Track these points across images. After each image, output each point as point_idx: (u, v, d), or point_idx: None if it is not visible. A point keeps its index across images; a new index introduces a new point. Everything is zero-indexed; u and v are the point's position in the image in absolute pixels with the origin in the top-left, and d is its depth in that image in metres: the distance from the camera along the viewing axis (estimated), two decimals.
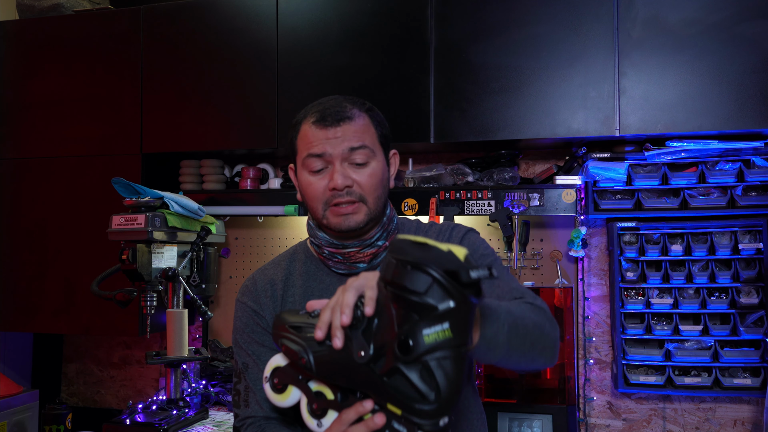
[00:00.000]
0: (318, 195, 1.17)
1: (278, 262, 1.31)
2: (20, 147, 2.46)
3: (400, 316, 0.77)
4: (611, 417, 2.27)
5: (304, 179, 1.19)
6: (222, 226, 2.38)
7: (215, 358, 2.53)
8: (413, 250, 0.76)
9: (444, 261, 0.74)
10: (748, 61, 1.89)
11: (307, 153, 1.17)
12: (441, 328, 0.75)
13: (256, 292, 1.25)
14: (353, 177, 1.16)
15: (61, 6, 2.52)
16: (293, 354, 0.89)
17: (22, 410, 2.39)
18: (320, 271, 1.25)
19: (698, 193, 2.05)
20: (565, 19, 2.01)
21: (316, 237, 1.23)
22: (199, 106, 2.30)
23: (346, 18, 2.18)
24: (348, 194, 1.15)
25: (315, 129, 1.16)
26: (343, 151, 1.15)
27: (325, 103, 1.19)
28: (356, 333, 0.82)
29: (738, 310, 2.04)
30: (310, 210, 1.21)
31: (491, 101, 2.06)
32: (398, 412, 0.80)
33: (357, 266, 1.21)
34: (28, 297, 2.41)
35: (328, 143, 1.15)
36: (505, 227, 2.09)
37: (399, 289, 0.75)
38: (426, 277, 0.74)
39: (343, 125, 1.16)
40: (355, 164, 1.17)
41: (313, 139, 1.16)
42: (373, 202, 1.18)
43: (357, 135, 1.17)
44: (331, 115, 1.16)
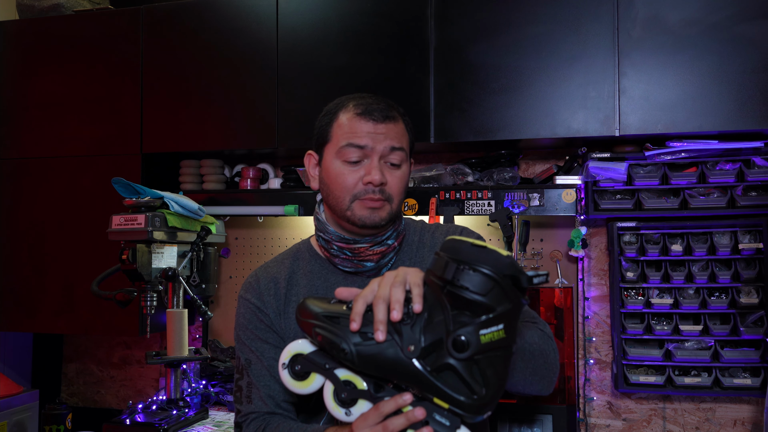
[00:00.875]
0: (349, 186, 1.17)
1: (281, 260, 1.30)
2: (20, 147, 2.46)
3: (454, 314, 0.80)
4: (611, 417, 2.27)
5: (336, 168, 1.18)
6: (222, 226, 2.38)
7: (215, 358, 2.53)
8: (472, 251, 0.79)
9: (504, 265, 0.78)
10: (748, 61, 1.89)
11: (347, 142, 1.16)
12: (497, 328, 0.79)
13: (259, 290, 1.25)
14: (387, 177, 1.17)
15: (61, 6, 2.52)
16: (330, 344, 0.88)
17: (22, 410, 2.39)
18: (325, 270, 1.25)
19: (698, 193, 2.05)
20: (565, 19, 2.01)
21: (326, 232, 1.22)
22: (199, 106, 2.30)
23: (346, 18, 2.18)
24: (380, 192, 1.16)
25: (360, 120, 1.16)
26: (385, 149, 1.16)
27: (366, 98, 1.20)
28: (405, 328, 0.84)
29: (738, 310, 2.04)
30: (333, 200, 1.20)
31: (491, 101, 2.06)
32: (445, 405, 0.83)
33: (364, 264, 1.21)
34: (28, 297, 2.41)
35: (372, 137, 1.16)
36: (505, 227, 2.09)
37: (459, 288, 0.78)
38: (489, 280, 0.77)
39: (388, 123, 1.17)
40: (390, 165, 1.18)
41: (357, 129, 1.16)
42: (396, 204, 1.20)
43: (398, 137, 1.18)
44: (377, 111, 1.17)
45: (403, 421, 0.87)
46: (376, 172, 1.15)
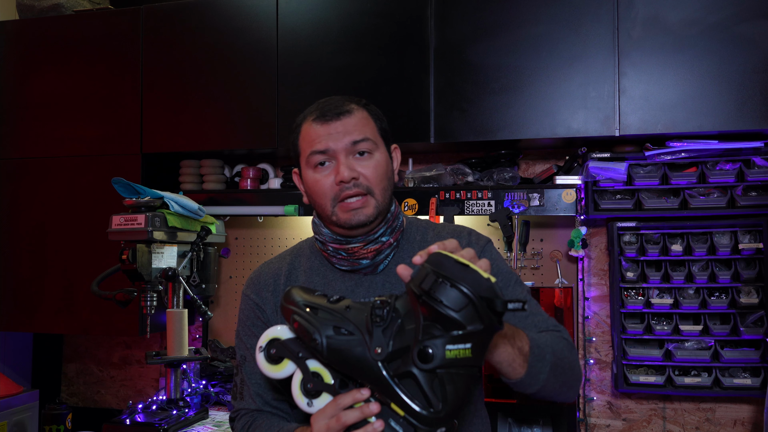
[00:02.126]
0: (325, 191, 1.18)
1: (283, 256, 1.33)
2: (20, 147, 2.46)
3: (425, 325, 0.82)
4: (611, 417, 2.27)
5: (310, 177, 1.20)
6: (222, 226, 2.38)
7: (215, 358, 2.53)
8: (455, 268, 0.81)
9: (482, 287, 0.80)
10: (748, 61, 1.89)
11: (310, 150, 1.18)
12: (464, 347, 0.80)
13: (259, 285, 1.28)
14: (358, 169, 1.17)
15: (61, 6, 2.52)
16: (305, 333, 0.91)
17: (22, 410, 2.39)
18: (324, 267, 1.27)
19: (698, 193, 2.05)
20: (565, 19, 2.01)
21: (320, 234, 1.24)
22: (199, 106, 2.30)
23: (346, 18, 2.18)
24: (355, 186, 1.16)
25: (316, 126, 1.18)
26: (346, 145, 1.17)
27: (322, 103, 1.21)
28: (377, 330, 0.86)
29: (738, 310, 2.04)
30: (318, 208, 1.22)
31: (491, 101, 2.06)
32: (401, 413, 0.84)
33: (360, 262, 1.21)
34: (28, 297, 2.41)
35: (330, 138, 1.17)
36: (505, 227, 2.09)
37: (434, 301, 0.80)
38: (464, 298, 0.79)
39: (343, 119, 1.17)
40: (359, 156, 1.18)
41: (314, 135, 1.18)
42: (380, 194, 1.18)
43: (358, 128, 1.18)
44: (330, 111, 1.18)
45: (357, 415, 0.89)
46: (343, 168, 1.15)
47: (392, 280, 1.23)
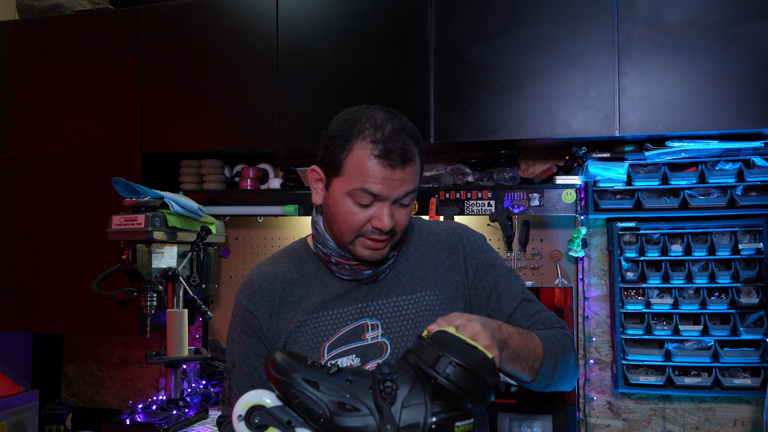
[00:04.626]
0: (355, 226, 1.12)
1: (277, 258, 1.30)
2: (20, 147, 2.46)
3: (435, 402, 0.88)
4: (611, 417, 2.27)
5: (345, 206, 1.12)
6: (222, 226, 2.38)
7: (215, 358, 2.53)
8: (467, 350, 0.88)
9: (488, 368, 0.89)
10: (748, 61, 1.89)
11: (361, 186, 1.08)
12: (469, 422, 0.89)
13: (252, 291, 1.25)
14: (396, 218, 1.13)
15: (61, 6, 2.52)
16: (308, 409, 0.90)
17: (22, 410, 2.39)
18: (321, 271, 1.25)
19: (698, 193, 2.05)
20: (565, 19, 2.01)
21: (326, 246, 1.20)
22: (199, 106, 2.30)
23: (346, 18, 2.18)
24: (388, 233, 1.13)
25: (378, 165, 1.07)
26: (399, 195, 1.11)
27: (387, 133, 1.09)
28: (386, 407, 0.89)
29: (738, 310, 2.04)
30: (337, 230, 1.16)
31: (491, 101, 2.06)
32: None
33: (362, 272, 1.20)
34: (28, 297, 2.41)
35: (388, 185, 1.09)
36: (505, 227, 2.09)
37: (448, 382, 0.87)
38: (475, 380, 0.87)
39: (406, 168, 1.10)
40: (401, 206, 1.13)
41: (373, 174, 1.08)
42: (399, 235, 1.17)
43: (413, 178, 1.13)
44: (396, 154, 1.08)
45: None
46: (387, 218, 1.10)
47: (389, 284, 1.22)
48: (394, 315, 1.19)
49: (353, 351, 1.17)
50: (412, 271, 1.23)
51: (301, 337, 1.20)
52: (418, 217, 1.34)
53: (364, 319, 1.19)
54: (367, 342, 1.18)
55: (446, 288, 1.22)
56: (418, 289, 1.21)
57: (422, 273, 1.23)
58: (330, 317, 1.20)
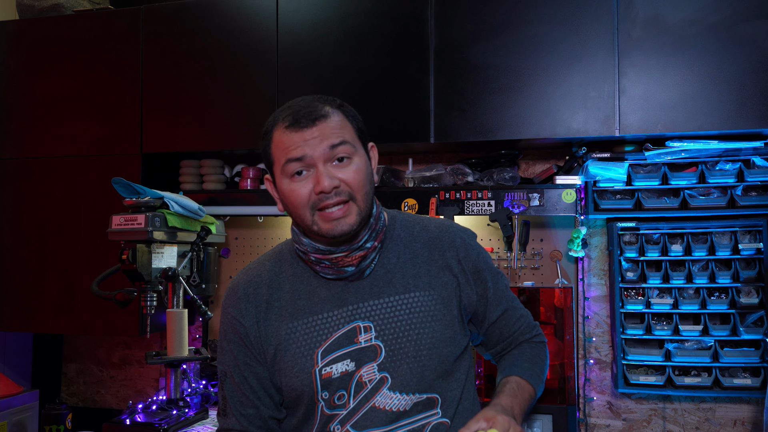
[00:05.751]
0: (303, 201, 1.12)
1: (262, 261, 1.27)
2: (20, 147, 2.46)
3: None
4: (611, 417, 2.27)
5: (286, 187, 1.14)
6: (222, 226, 2.38)
7: (215, 358, 2.53)
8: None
9: None
10: (748, 61, 1.89)
11: (285, 159, 1.12)
12: None
13: (237, 298, 1.23)
14: (339, 176, 1.11)
15: (61, 6, 2.52)
16: None
17: (22, 410, 2.39)
18: (307, 273, 1.23)
19: (698, 193, 2.05)
20: (565, 19, 2.01)
21: (301, 243, 1.19)
22: (199, 106, 2.30)
23: (346, 18, 2.18)
24: (336, 194, 1.11)
25: (290, 133, 1.11)
26: (324, 150, 1.11)
27: (294, 106, 1.14)
28: None
29: (738, 310, 2.04)
30: (297, 218, 1.16)
31: (491, 101, 2.06)
32: None
33: (345, 270, 1.17)
34: (28, 297, 2.41)
35: (306, 145, 1.10)
36: (505, 227, 2.09)
37: None
38: None
39: (319, 124, 1.11)
40: (338, 162, 1.12)
41: (289, 143, 1.11)
42: (362, 200, 1.13)
43: (335, 132, 1.12)
44: (304, 116, 1.11)
45: None
46: (323, 178, 1.09)
47: (379, 284, 1.19)
48: (388, 316, 1.17)
49: (347, 356, 1.16)
50: (403, 269, 1.21)
51: (293, 344, 1.17)
52: (408, 213, 1.31)
53: (356, 321, 1.17)
54: (360, 345, 1.16)
55: (440, 287, 1.21)
56: (411, 289, 1.19)
57: (415, 272, 1.21)
58: (320, 322, 1.18)
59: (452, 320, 1.20)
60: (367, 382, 1.15)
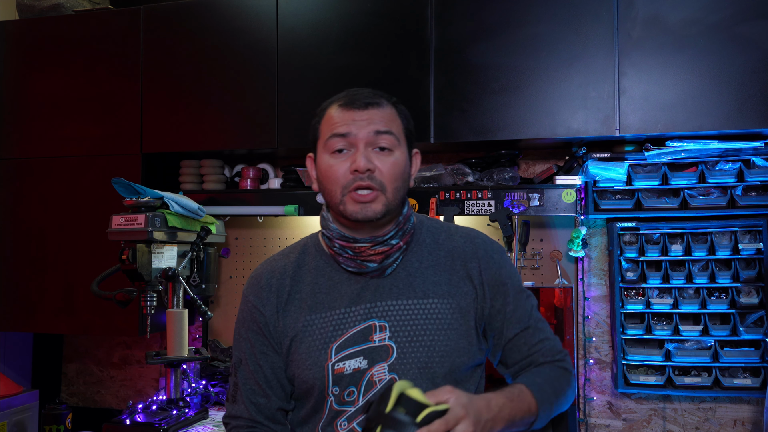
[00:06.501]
0: (338, 178, 1.14)
1: (287, 253, 1.29)
2: (20, 147, 2.46)
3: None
4: (611, 417, 2.27)
5: (325, 162, 1.17)
6: (222, 226, 2.38)
7: (215, 358, 2.53)
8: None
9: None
10: (748, 61, 1.89)
11: (330, 133, 1.15)
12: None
13: (260, 287, 1.24)
14: (376, 163, 1.14)
15: (61, 6, 2.52)
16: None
17: (22, 410, 2.39)
18: (330, 267, 1.23)
19: (698, 193, 2.05)
20: (565, 19, 2.01)
21: (328, 228, 1.21)
22: (199, 106, 2.30)
23: (346, 18, 2.18)
24: (369, 179, 1.13)
25: (341, 111, 1.16)
26: (369, 134, 1.14)
27: (352, 90, 1.20)
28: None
29: (738, 310, 2.04)
30: (327, 195, 1.18)
31: (491, 101, 2.06)
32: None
33: (367, 265, 1.18)
34: (28, 297, 2.41)
35: (354, 124, 1.14)
36: (505, 227, 2.09)
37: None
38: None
39: (370, 109, 1.16)
40: (380, 150, 1.15)
41: (338, 119, 1.15)
42: (392, 193, 1.15)
43: (383, 121, 1.16)
44: (359, 99, 1.16)
45: None
46: (360, 158, 1.12)
47: (399, 285, 1.20)
48: (403, 318, 1.17)
49: (360, 353, 1.16)
50: (425, 275, 1.21)
51: (308, 337, 1.18)
52: (435, 219, 1.33)
53: (372, 319, 1.18)
54: (374, 344, 1.16)
55: (459, 297, 1.20)
56: (430, 295, 1.19)
57: (436, 279, 1.21)
58: (337, 317, 1.18)
59: (468, 331, 1.20)
60: (377, 382, 1.16)
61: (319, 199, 2.22)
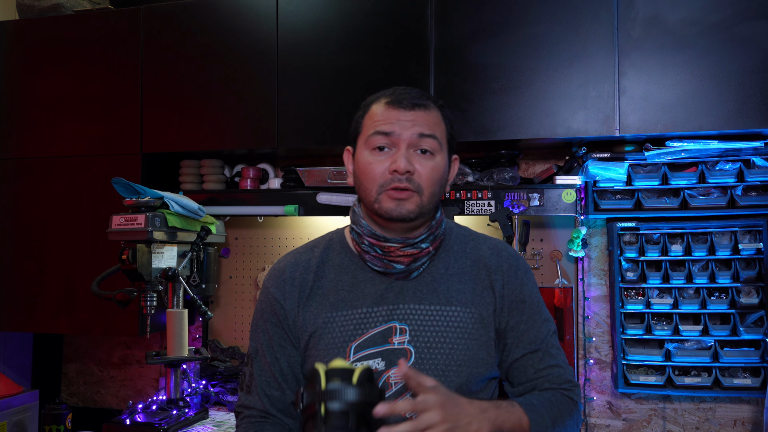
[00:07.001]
0: (376, 176, 1.14)
1: (312, 247, 1.28)
2: (20, 147, 2.46)
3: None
4: (611, 417, 2.27)
5: (364, 158, 1.16)
6: (222, 226, 2.38)
7: (215, 358, 2.53)
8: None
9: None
10: (748, 61, 1.89)
11: (373, 130, 1.15)
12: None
13: (283, 280, 1.23)
14: (416, 165, 1.13)
15: (61, 6, 2.52)
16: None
17: (22, 410, 2.39)
18: (354, 265, 1.22)
19: (698, 193, 2.05)
20: (565, 19, 2.01)
21: (359, 224, 1.20)
22: (199, 106, 2.30)
23: (347, 18, 2.18)
24: (407, 180, 1.12)
25: (387, 108, 1.15)
26: (412, 136, 1.14)
27: (399, 89, 1.19)
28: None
29: (738, 310, 2.04)
30: (362, 192, 1.18)
31: (491, 101, 2.06)
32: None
33: (394, 265, 1.17)
34: (28, 297, 2.41)
35: (398, 123, 1.13)
36: (505, 227, 2.09)
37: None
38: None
39: (417, 110, 1.15)
40: (421, 153, 1.15)
41: (383, 117, 1.15)
42: (428, 197, 1.15)
43: (428, 124, 1.15)
44: (406, 99, 1.15)
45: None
46: (401, 159, 1.12)
47: (423, 289, 1.19)
48: (424, 323, 1.17)
49: (379, 354, 1.16)
50: (449, 282, 1.20)
51: (328, 334, 1.17)
52: (465, 227, 1.31)
53: (394, 321, 1.17)
54: (393, 346, 1.16)
55: (481, 307, 1.20)
56: (453, 302, 1.19)
57: (460, 287, 1.20)
58: (359, 316, 1.17)
59: (488, 342, 1.19)
60: (393, 385, 1.15)
61: (320, 200, 2.22)
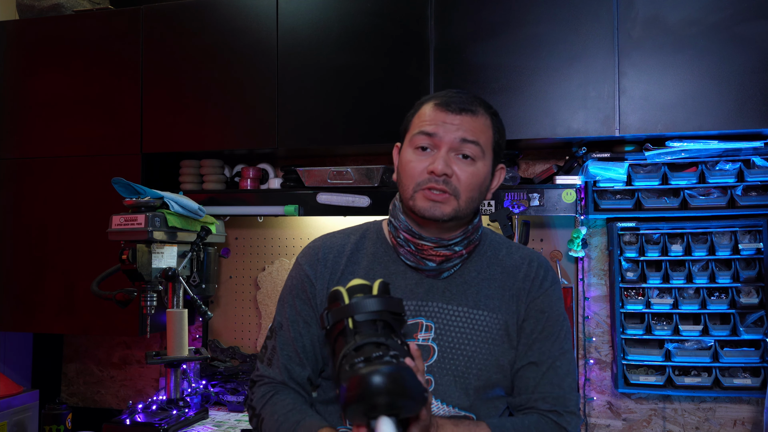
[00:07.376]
0: (414, 174, 1.15)
1: (348, 233, 1.29)
2: (20, 147, 2.46)
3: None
4: (611, 417, 2.27)
5: (407, 156, 1.17)
6: (222, 226, 2.38)
7: (215, 358, 2.53)
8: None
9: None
10: (748, 61, 1.89)
11: (418, 129, 1.16)
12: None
13: (317, 259, 1.24)
14: (454, 169, 1.14)
15: (61, 6, 2.52)
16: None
17: (22, 410, 2.39)
18: (387, 256, 1.23)
19: (698, 193, 2.05)
20: (565, 19, 2.01)
21: (397, 218, 1.21)
22: (199, 106, 2.30)
23: (347, 18, 2.18)
24: (444, 183, 1.13)
25: (434, 110, 1.16)
26: (455, 140, 1.14)
27: (452, 91, 1.19)
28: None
29: (738, 310, 2.04)
30: (401, 188, 1.19)
31: (491, 101, 2.03)
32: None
33: (425, 262, 1.18)
34: (28, 297, 2.41)
35: (443, 126, 1.14)
36: (505, 227, 2.09)
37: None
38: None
39: (464, 115, 1.15)
40: (462, 158, 1.15)
41: (429, 118, 1.16)
42: (464, 201, 1.15)
43: (473, 130, 1.15)
44: (455, 103, 1.15)
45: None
46: (440, 161, 1.12)
47: (453, 290, 1.19)
48: (450, 323, 1.17)
49: None
50: (479, 286, 1.21)
51: None
52: (498, 234, 1.32)
53: (421, 317, 1.18)
54: (418, 341, 1.16)
55: (508, 315, 1.20)
56: (480, 307, 1.19)
57: (489, 292, 1.21)
58: None
59: (511, 350, 1.19)
60: None
61: (320, 200, 2.22)
